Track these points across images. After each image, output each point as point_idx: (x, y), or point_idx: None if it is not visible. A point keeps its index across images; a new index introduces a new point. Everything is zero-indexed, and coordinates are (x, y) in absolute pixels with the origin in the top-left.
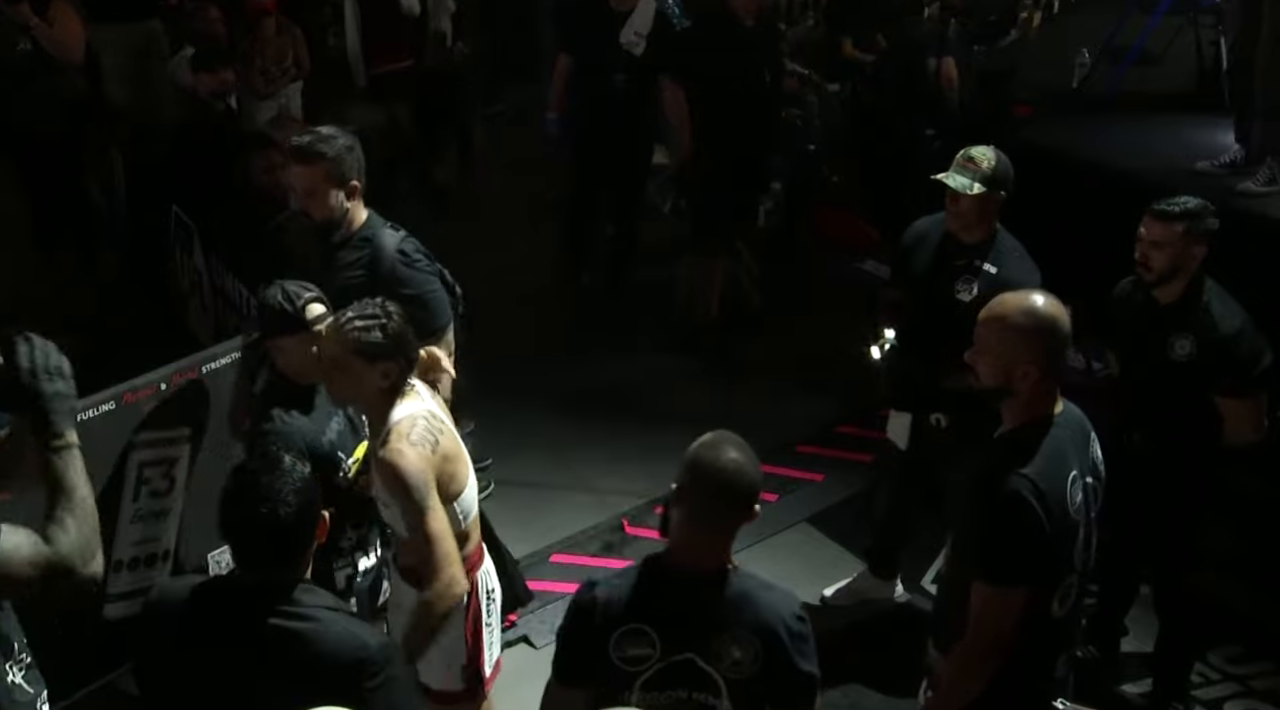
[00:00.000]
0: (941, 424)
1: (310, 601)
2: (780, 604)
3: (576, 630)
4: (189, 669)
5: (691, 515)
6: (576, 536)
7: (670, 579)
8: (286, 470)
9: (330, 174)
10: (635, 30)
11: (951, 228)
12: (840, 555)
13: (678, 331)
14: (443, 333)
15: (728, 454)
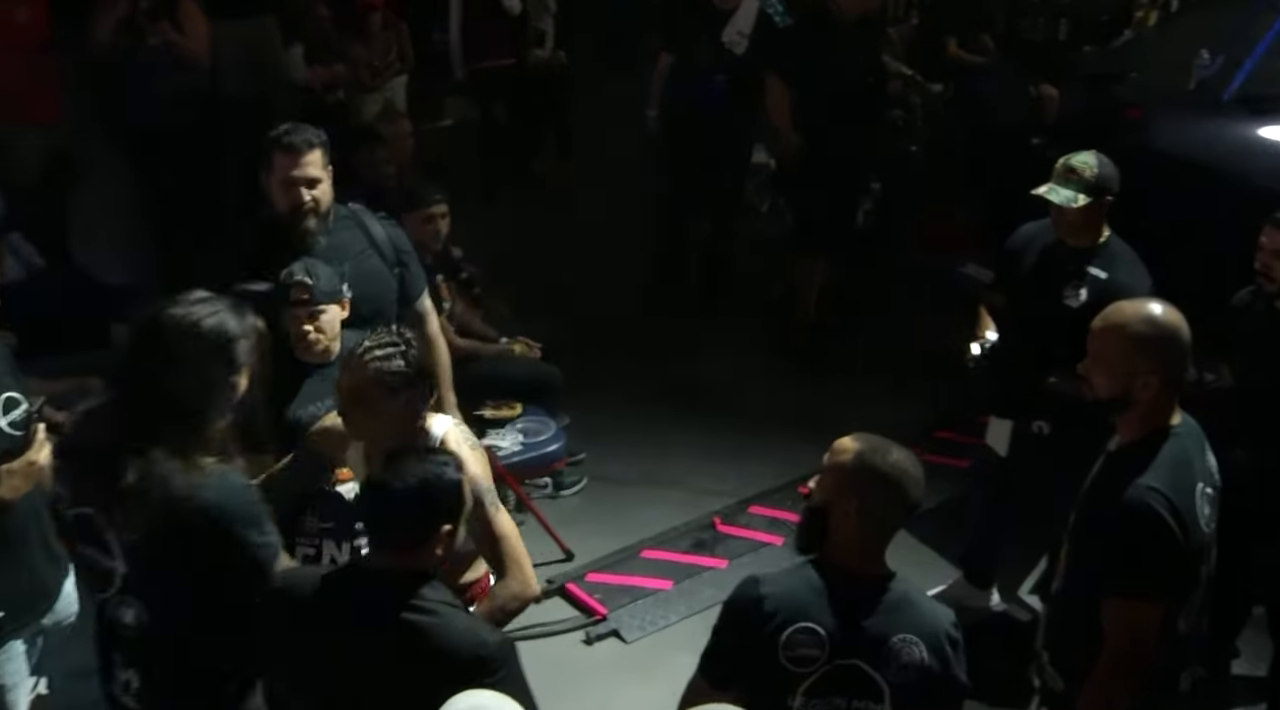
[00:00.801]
0: (1044, 432)
1: (433, 596)
2: (940, 611)
3: (739, 628)
4: (313, 656)
5: (867, 520)
6: (668, 533)
7: (840, 581)
8: (425, 465)
9: (325, 159)
10: (738, 29)
11: (1059, 233)
12: (934, 561)
13: (773, 331)
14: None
15: (902, 458)
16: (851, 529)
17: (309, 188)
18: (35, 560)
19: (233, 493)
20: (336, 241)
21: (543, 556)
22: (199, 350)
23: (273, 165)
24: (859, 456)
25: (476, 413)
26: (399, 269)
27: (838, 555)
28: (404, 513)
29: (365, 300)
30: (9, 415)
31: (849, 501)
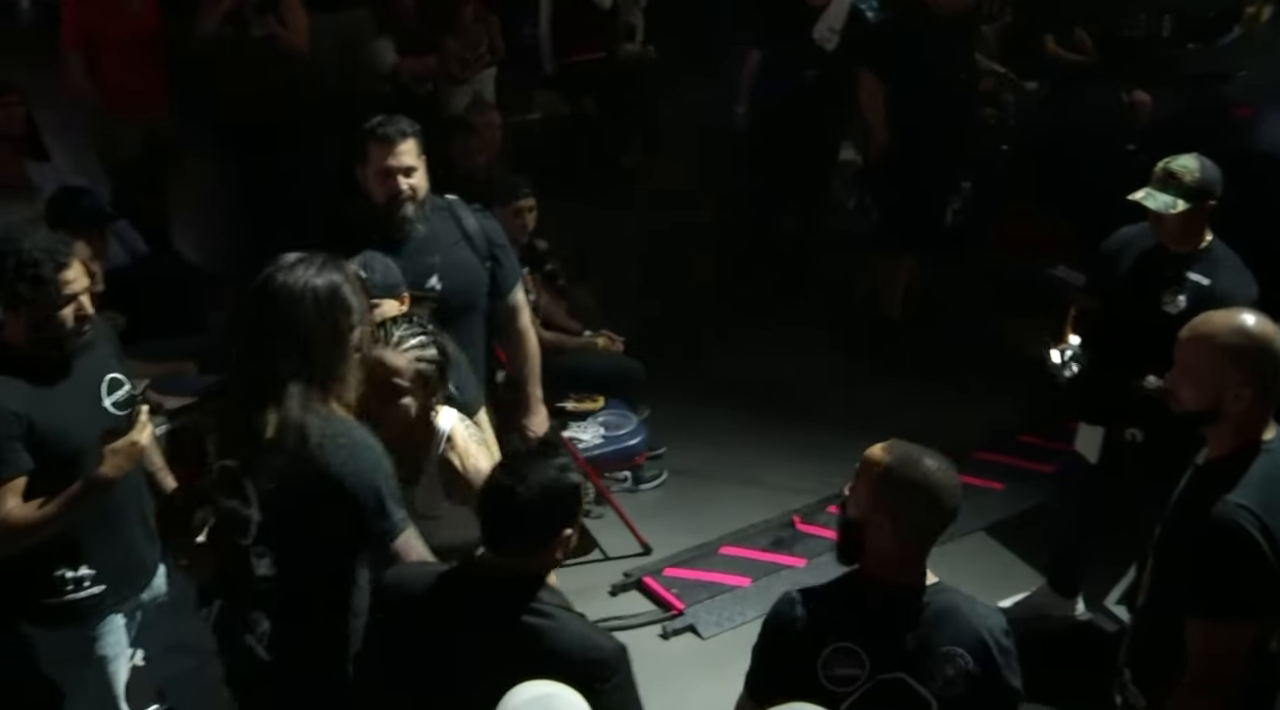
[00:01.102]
0: (1137, 440)
1: (549, 599)
2: (989, 618)
3: (778, 648)
4: (421, 653)
5: (902, 532)
6: (746, 530)
7: (878, 595)
8: (549, 466)
9: (419, 149)
10: (829, 25)
11: (1159, 238)
12: (1017, 567)
13: (857, 330)
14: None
15: (934, 467)
16: (888, 541)
17: (405, 177)
18: (135, 537)
19: (361, 447)
20: (430, 232)
21: (621, 550)
22: (318, 310)
23: (368, 156)
24: (889, 468)
25: (559, 405)
26: (490, 262)
27: (876, 568)
28: (528, 519)
29: (456, 292)
30: (113, 395)
31: (883, 514)
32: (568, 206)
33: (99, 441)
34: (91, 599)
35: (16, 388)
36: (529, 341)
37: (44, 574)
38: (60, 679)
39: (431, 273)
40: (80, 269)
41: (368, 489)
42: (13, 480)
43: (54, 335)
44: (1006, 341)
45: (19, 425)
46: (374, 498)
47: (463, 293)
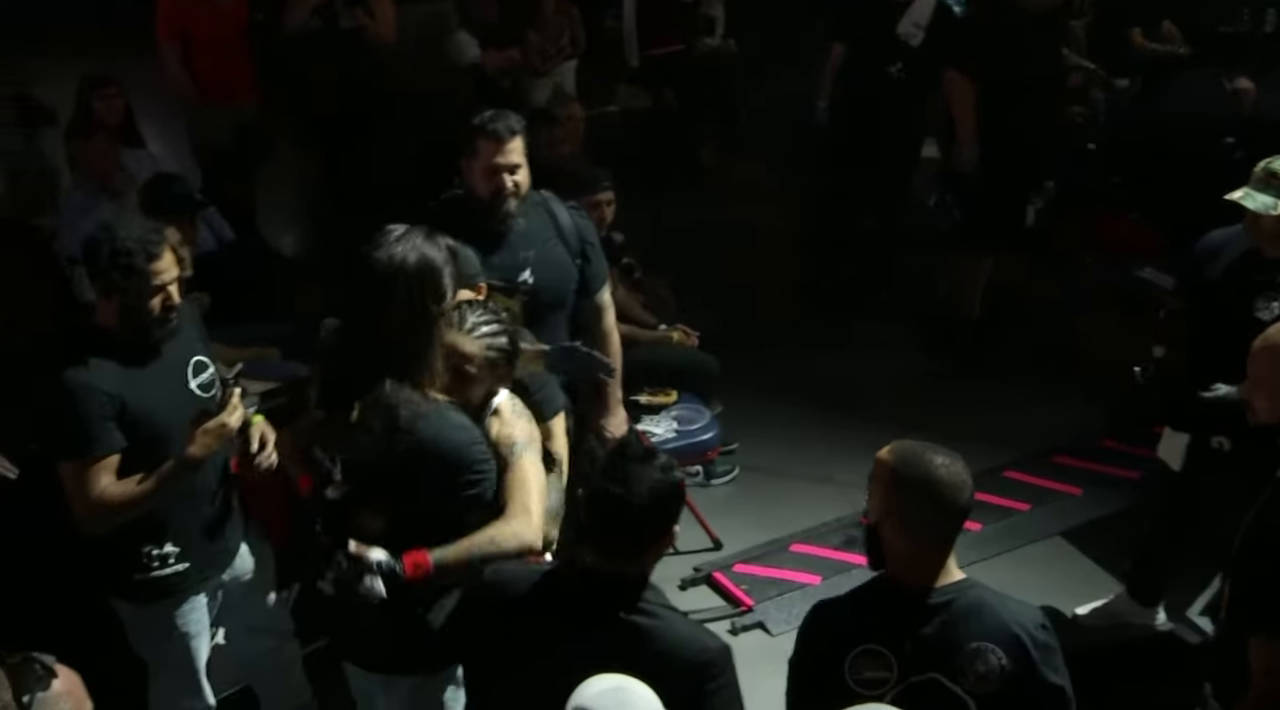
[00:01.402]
0: (1224, 448)
1: (654, 599)
2: (1021, 613)
3: (809, 658)
4: (524, 652)
5: (913, 531)
6: (818, 527)
7: (900, 597)
8: (653, 469)
9: (524, 146)
10: (914, 21)
11: (1254, 244)
12: (1095, 573)
13: (936, 329)
14: (606, 285)
15: (938, 465)
16: (901, 542)
17: (510, 173)
18: (218, 517)
19: (452, 429)
20: (525, 226)
21: (691, 544)
22: (407, 292)
23: (477, 151)
24: (893, 470)
25: (632, 398)
26: (580, 260)
27: (896, 569)
28: (641, 526)
29: (546, 288)
30: (198, 378)
31: (894, 516)
32: (646, 200)
33: (190, 423)
34: (175, 576)
35: (109, 369)
36: (613, 341)
37: (132, 550)
38: (144, 654)
39: (525, 267)
40: (171, 259)
41: (453, 462)
42: (107, 458)
43: (142, 322)
44: (1091, 344)
45: (112, 405)
46: (456, 470)
47: (553, 289)
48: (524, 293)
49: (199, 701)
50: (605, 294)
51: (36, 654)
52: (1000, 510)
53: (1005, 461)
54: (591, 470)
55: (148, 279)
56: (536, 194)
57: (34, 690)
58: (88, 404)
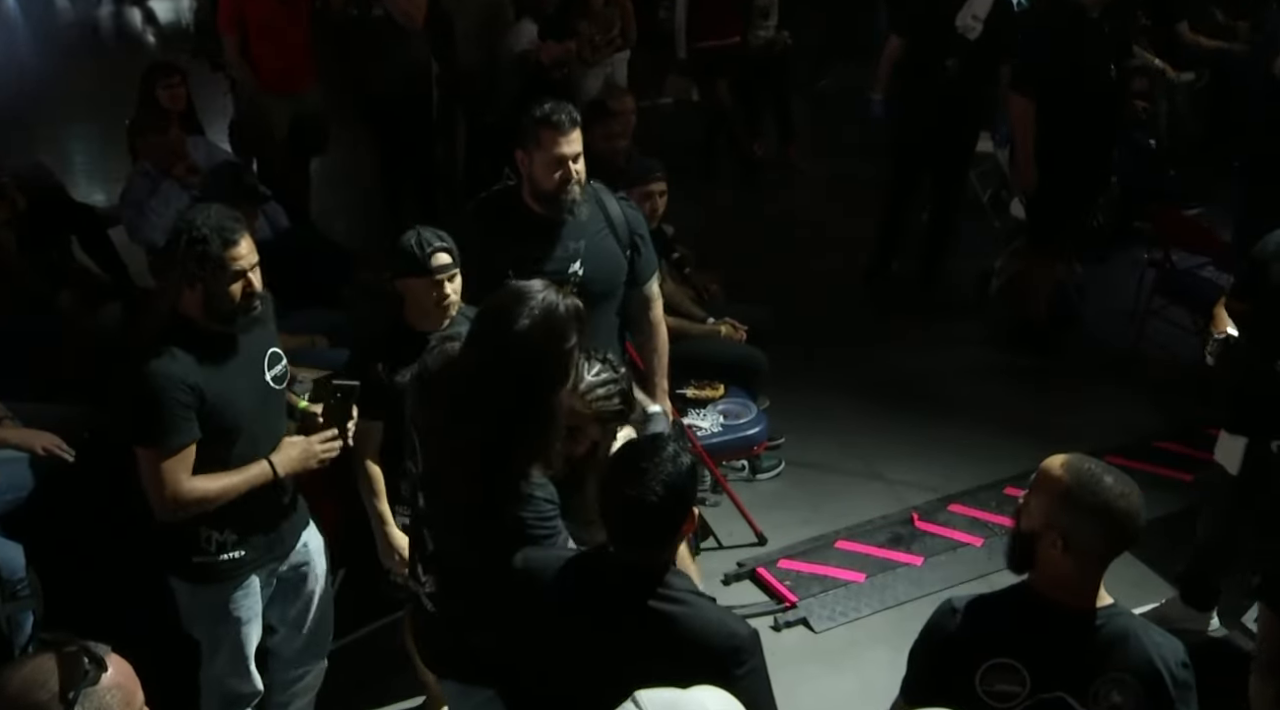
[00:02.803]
0: None
1: (680, 585)
2: (1165, 647)
3: (937, 656)
4: (557, 641)
5: (1074, 554)
6: (864, 525)
7: (1047, 614)
8: (666, 459)
9: (582, 139)
10: (973, 14)
11: None
12: (1147, 577)
13: (990, 325)
14: (655, 276)
15: (1115, 492)
16: (1059, 560)
17: (574, 162)
18: (278, 507)
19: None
20: (576, 217)
21: (735, 539)
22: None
23: (539, 142)
24: (1068, 487)
25: (679, 392)
26: (630, 251)
27: (1045, 585)
28: (657, 519)
29: (597, 279)
30: (272, 370)
31: (1055, 532)
32: (699, 192)
33: (297, 430)
34: (231, 561)
35: (190, 360)
36: (660, 333)
37: (190, 532)
38: (197, 635)
39: (575, 258)
40: (249, 245)
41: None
42: (184, 450)
43: (224, 309)
44: (1148, 344)
45: (192, 396)
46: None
47: (603, 280)
48: (574, 284)
49: (247, 685)
50: (654, 285)
51: (91, 643)
52: None
53: None
54: (607, 473)
55: (225, 265)
56: (587, 185)
57: (81, 687)
58: (170, 394)
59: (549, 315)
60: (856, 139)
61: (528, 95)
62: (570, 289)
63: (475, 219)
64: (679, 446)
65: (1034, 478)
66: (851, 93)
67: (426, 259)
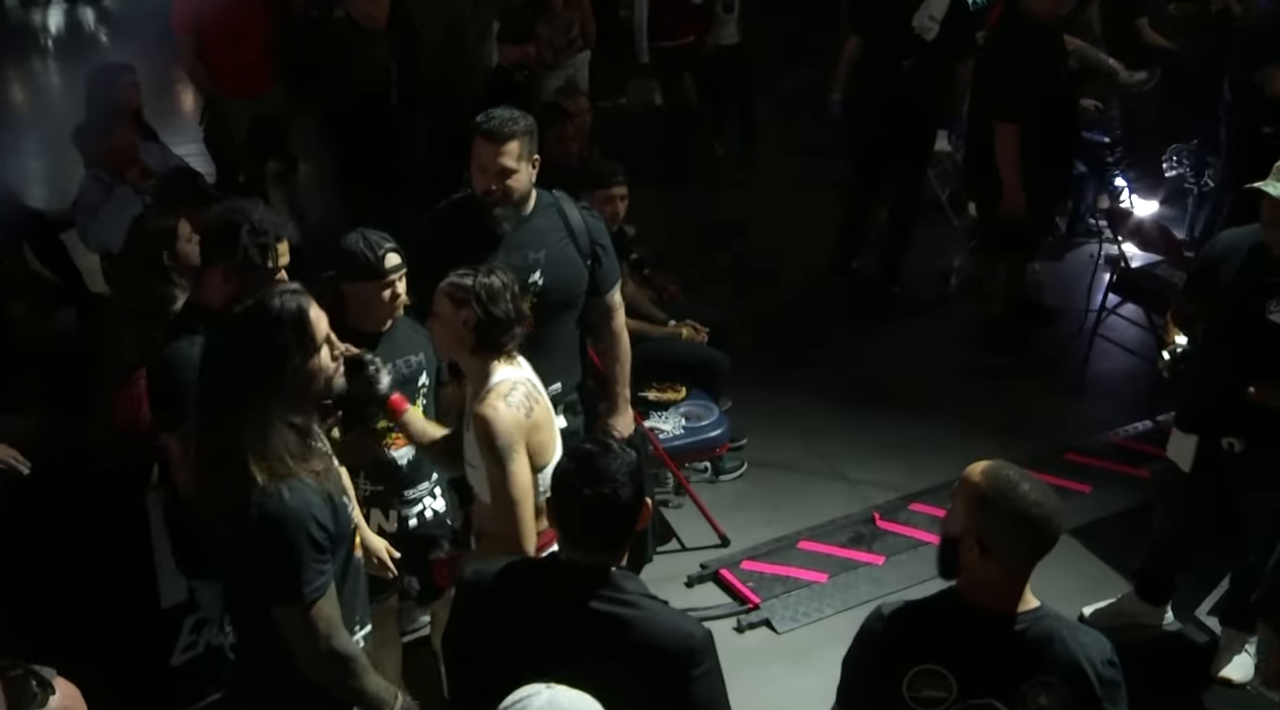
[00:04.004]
0: (1235, 449)
1: (632, 588)
2: (1091, 647)
3: (866, 662)
4: (513, 653)
5: (993, 558)
6: (826, 525)
7: (972, 618)
8: (619, 454)
9: (525, 149)
10: (930, 14)
11: (1267, 241)
12: (1105, 573)
13: (950, 324)
14: (618, 285)
15: (1030, 497)
16: (979, 565)
17: (501, 177)
18: None
19: (296, 506)
20: (535, 227)
21: (698, 541)
22: (265, 335)
23: (474, 150)
24: (984, 493)
25: (640, 394)
26: (591, 260)
27: (969, 590)
28: (625, 515)
29: (557, 288)
30: None
31: (973, 537)
32: (659, 194)
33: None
34: None
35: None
36: (622, 342)
37: None
38: None
39: (535, 268)
40: (286, 245)
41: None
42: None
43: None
44: (1104, 341)
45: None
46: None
47: (563, 289)
48: (534, 293)
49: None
50: (616, 294)
51: (37, 667)
52: None
53: (1015, 459)
54: (559, 482)
55: (275, 258)
56: (548, 194)
57: (28, 708)
58: (187, 376)
59: (261, 312)
60: (817, 138)
61: (489, 98)
62: (531, 299)
63: (432, 228)
64: (626, 450)
65: (957, 483)
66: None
67: (380, 261)
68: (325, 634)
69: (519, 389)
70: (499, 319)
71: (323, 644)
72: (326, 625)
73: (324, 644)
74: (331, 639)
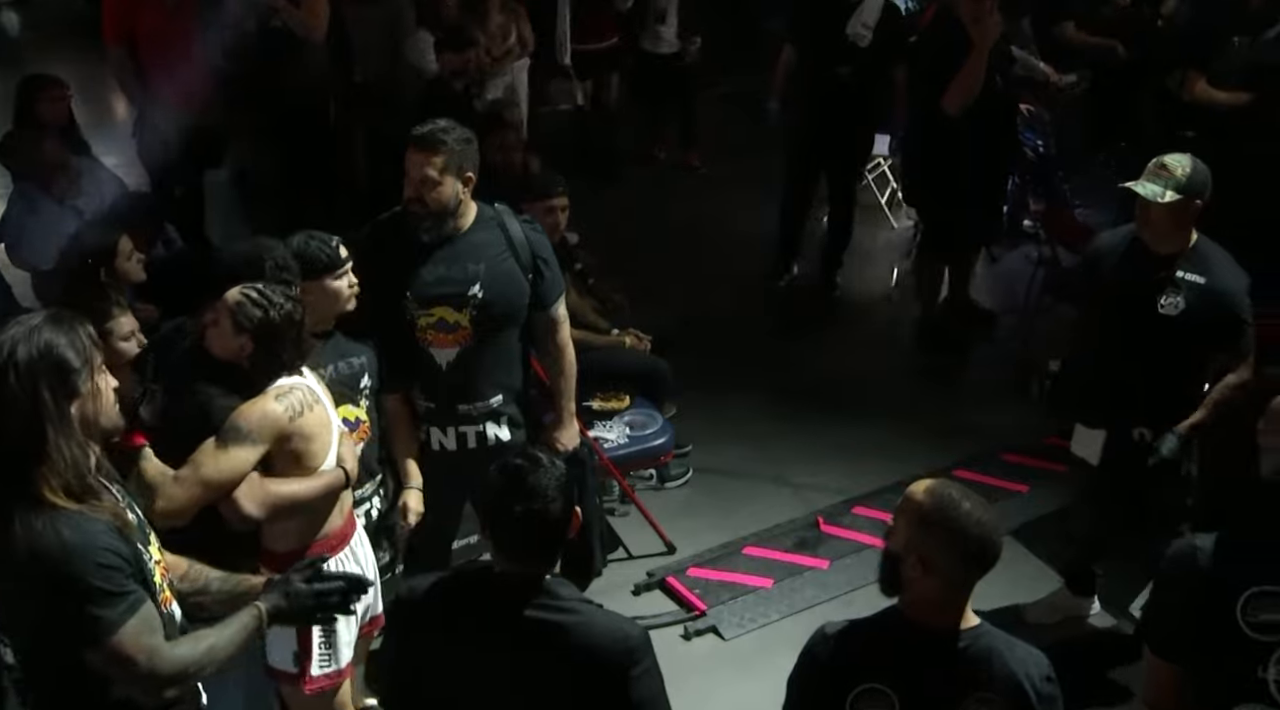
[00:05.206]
0: (1146, 439)
1: (567, 594)
2: (1029, 663)
3: (810, 683)
4: (453, 665)
5: (935, 576)
6: (771, 530)
7: (911, 636)
8: (548, 467)
9: (451, 162)
10: (863, 22)
11: (1144, 238)
12: (1042, 571)
13: (890, 328)
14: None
15: (972, 516)
16: (920, 582)
17: (423, 186)
18: None
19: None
20: (475, 240)
21: (645, 549)
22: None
23: (405, 158)
24: (926, 511)
25: (585, 404)
26: (533, 274)
27: (912, 608)
28: (557, 526)
29: (497, 302)
30: None
31: (915, 555)
32: (598, 200)
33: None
34: None
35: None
36: (567, 356)
37: None
38: None
39: (474, 281)
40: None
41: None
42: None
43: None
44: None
45: None
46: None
47: (503, 303)
48: (473, 306)
49: None
50: (560, 308)
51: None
52: None
53: (955, 460)
54: (491, 498)
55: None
56: (490, 208)
57: None
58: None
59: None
60: (757, 142)
61: (425, 106)
62: (470, 312)
63: (370, 241)
64: (547, 455)
65: (900, 501)
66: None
67: (336, 252)
68: (146, 664)
69: (295, 393)
70: (275, 356)
71: (146, 672)
72: (146, 654)
73: (148, 671)
74: (154, 665)
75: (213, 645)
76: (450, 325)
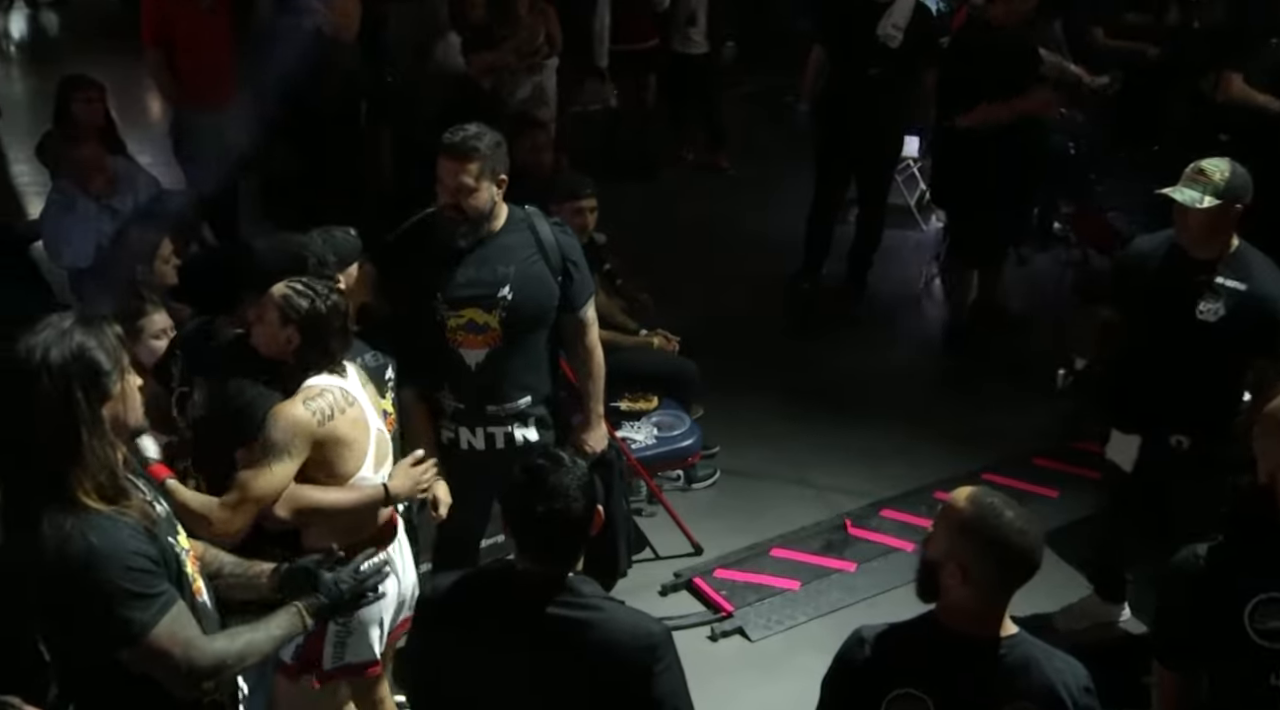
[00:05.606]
0: (1183, 446)
1: (589, 591)
2: (1067, 673)
3: (845, 686)
4: (477, 663)
5: (974, 584)
6: (798, 532)
7: (949, 643)
8: (570, 467)
9: (485, 167)
10: (893, 23)
11: (1182, 243)
12: (1073, 576)
13: (919, 331)
14: (591, 301)
15: (1014, 525)
16: (960, 591)
17: (458, 194)
18: None
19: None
20: (505, 243)
21: (672, 549)
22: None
23: (438, 164)
24: (967, 519)
25: (613, 404)
26: (562, 276)
27: (949, 615)
28: (580, 526)
29: (526, 304)
30: None
31: (955, 562)
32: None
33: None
34: None
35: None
36: (595, 358)
37: None
38: None
39: (504, 283)
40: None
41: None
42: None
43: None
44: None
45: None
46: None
47: (533, 305)
48: (503, 308)
49: None
50: (590, 310)
51: (5, 697)
52: None
53: (984, 464)
54: (512, 497)
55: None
56: (520, 210)
57: None
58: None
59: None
60: (782, 142)
61: (454, 107)
62: (500, 314)
63: (399, 245)
64: (569, 455)
65: (940, 508)
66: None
67: (357, 242)
68: (183, 657)
69: (326, 395)
70: (321, 347)
71: (184, 666)
72: (182, 647)
73: (185, 666)
74: (191, 658)
75: (250, 640)
76: (480, 327)
